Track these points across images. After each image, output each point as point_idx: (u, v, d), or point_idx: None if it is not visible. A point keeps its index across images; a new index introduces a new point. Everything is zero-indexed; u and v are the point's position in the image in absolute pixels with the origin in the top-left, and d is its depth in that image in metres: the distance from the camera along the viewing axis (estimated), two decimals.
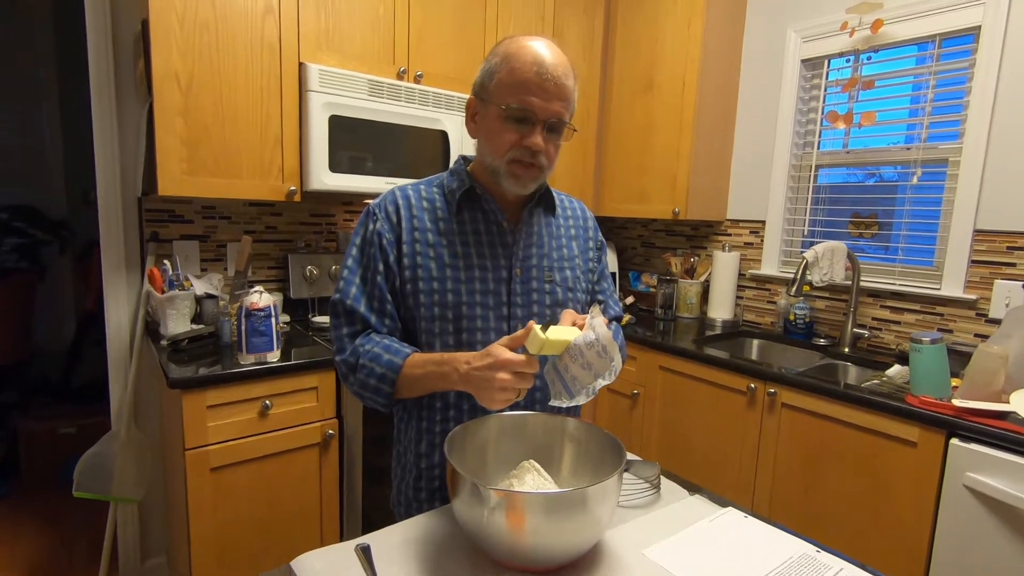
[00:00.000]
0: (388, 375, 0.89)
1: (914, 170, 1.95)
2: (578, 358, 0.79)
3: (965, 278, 1.82)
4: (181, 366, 1.50)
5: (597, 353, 0.77)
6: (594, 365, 0.78)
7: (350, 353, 0.93)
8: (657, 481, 0.97)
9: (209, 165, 1.65)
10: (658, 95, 2.38)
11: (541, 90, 0.88)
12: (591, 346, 0.77)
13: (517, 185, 0.93)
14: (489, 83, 0.91)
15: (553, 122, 0.90)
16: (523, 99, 0.88)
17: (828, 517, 1.61)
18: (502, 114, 0.89)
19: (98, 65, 1.76)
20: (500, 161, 0.91)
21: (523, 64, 0.88)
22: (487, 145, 0.94)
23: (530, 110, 0.88)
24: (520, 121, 0.89)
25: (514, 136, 0.90)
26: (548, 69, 0.88)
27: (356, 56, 1.86)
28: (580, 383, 0.79)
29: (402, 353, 0.90)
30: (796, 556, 0.78)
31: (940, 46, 1.89)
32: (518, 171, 0.91)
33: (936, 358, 1.46)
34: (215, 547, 1.51)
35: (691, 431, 1.99)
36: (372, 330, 0.95)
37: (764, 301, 2.39)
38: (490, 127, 0.92)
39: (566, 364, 0.80)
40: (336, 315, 0.96)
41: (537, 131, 0.90)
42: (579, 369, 0.79)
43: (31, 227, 3.06)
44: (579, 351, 0.78)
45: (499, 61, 0.90)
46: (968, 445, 1.33)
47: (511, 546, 0.68)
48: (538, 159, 0.91)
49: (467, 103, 0.97)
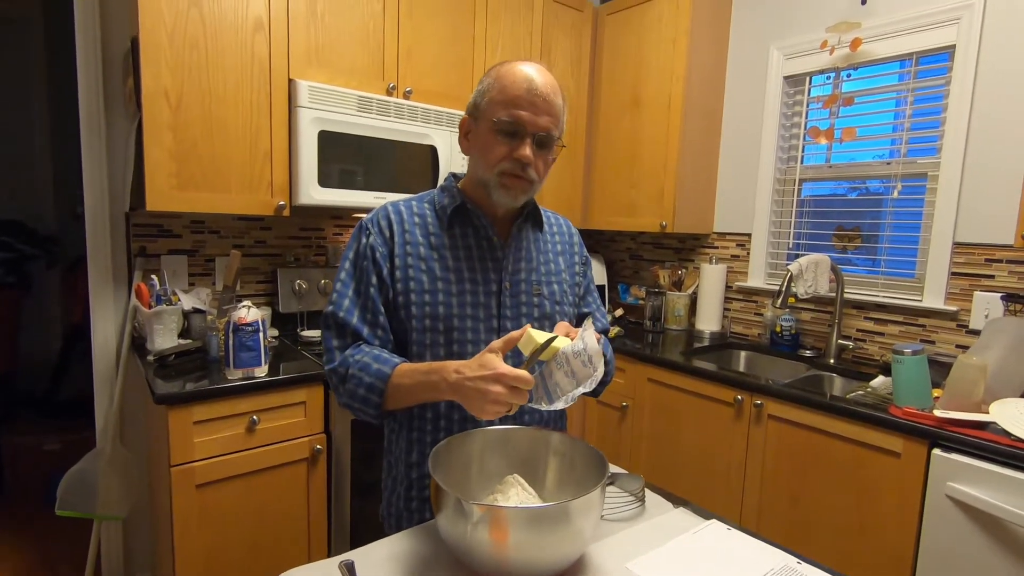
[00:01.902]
0: (377, 385, 0.90)
1: (895, 184, 1.99)
2: (563, 365, 0.81)
3: (946, 290, 1.85)
4: (167, 381, 1.49)
5: (582, 362, 0.79)
6: (578, 374, 0.79)
7: (339, 363, 0.94)
8: (642, 494, 0.98)
9: (198, 180, 1.65)
10: (645, 111, 2.42)
11: (530, 105, 0.92)
12: (578, 355, 0.79)
13: (508, 197, 0.96)
14: (481, 101, 0.96)
15: (542, 136, 0.94)
16: (513, 113, 0.92)
17: (815, 527, 1.62)
18: (493, 127, 0.93)
19: (87, 81, 1.77)
20: (491, 174, 0.95)
21: (513, 82, 0.93)
22: (479, 159, 0.97)
23: (519, 123, 0.92)
24: (510, 135, 0.93)
25: (504, 148, 0.93)
26: (537, 86, 0.92)
27: (346, 72, 1.88)
28: (561, 390, 0.81)
29: (391, 363, 0.91)
30: (777, 568, 0.79)
31: (917, 63, 1.94)
32: (509, 183, 0.94)
33: (918, 369, 1.49)
34: (201, 564, 1.49)
35: (679, 443, 2.00)
36: (363, 342, 0.96)
37: (751, 313, 2.42)
38: (482, 141, 0.96)
39: (551, 370, 0.82)
40: (328, 327, 0.97)
41: (527, 144, 0.93)
42: (563, 376, 0.81)
43: (18, 242, 3.04)
44: (565, 359, 0.80)
45: (491, 81, 0.95)
46: (950, 455, 1.34)
47: (495, 561, 0.69)
48: (528, 172, 0.94)
49: (460, 122, 1.01)
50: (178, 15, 1.57)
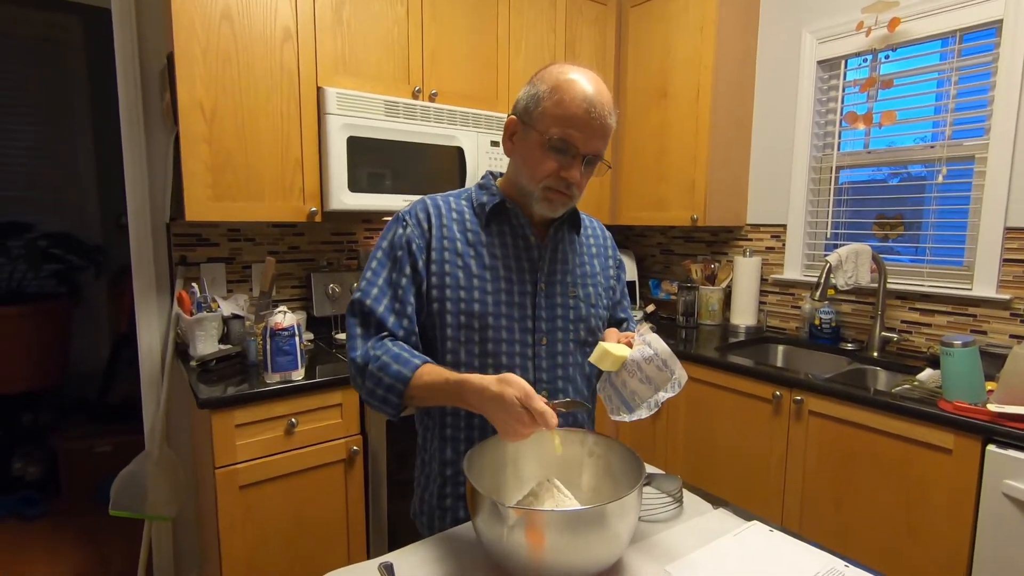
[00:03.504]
0: (396, 386, 0.89)
1: (939, 168, 1.91)
2: (636, 373, 0.80)
3: (998, 277, 1.77)
4: (210, 386, 1.54)
5: (657, 367, 0.78)
6: (654, 379, 0.79)
7: (360, 356, 0.93)
8: (679, 495, 0.96)
9: (233, 190, 1.70)
10: (673, 103, 2.37)
11: (587, 127, 0.90)
12: (649, 360, 0.79)
13: (548, 209, 0.96)
14: (534, 108, 0.92)
15: (591, 157, 0.93)
16: (568, 133, 0.90)
17: (860, 529, 1.57)
18: (545, 143, 0.91)
19: (127, 97, 1.84)
20: (536, 186, 0.94)
21: (572, 98, 0.89)
22: (524, 169, 0.95)
23: (573, 145, 0.90)
24: (560, 151, 0.91)
25: (553, 165, 0.92)
26: (596, 108, 0.89)
27: (372, 78, 1.90)
28: (640, 397, 0.81)
29: (411, 364, 0.88)
30: (823, 571, 0.77)
31: (961, 41, 1.85)
32: (552, 197, 0.94)
33: (969, 361, 1.42)
34: (245, 564, 1.53)
35: (716, 441, 1.96)
36: (388, 332, 0.95)
37: (788, 306, 2.35)
38: (530, 153, 0.94)
39: (624, 380, 0.82)
40: (353, 314, 0.96)
41: (576, 164, 0.92)
42: (638, 384, 0.80)
43: (68, 253, 3.17)
44: (636, 366, 0.80)
45: (547, 89, 0.91)
46: (1006, 451, 1.28)
47: (532, 565, 0.68)
48: (571, 190, 0.94)
49: (506, 123, 0.99)
50: (210, 30, 1.61)
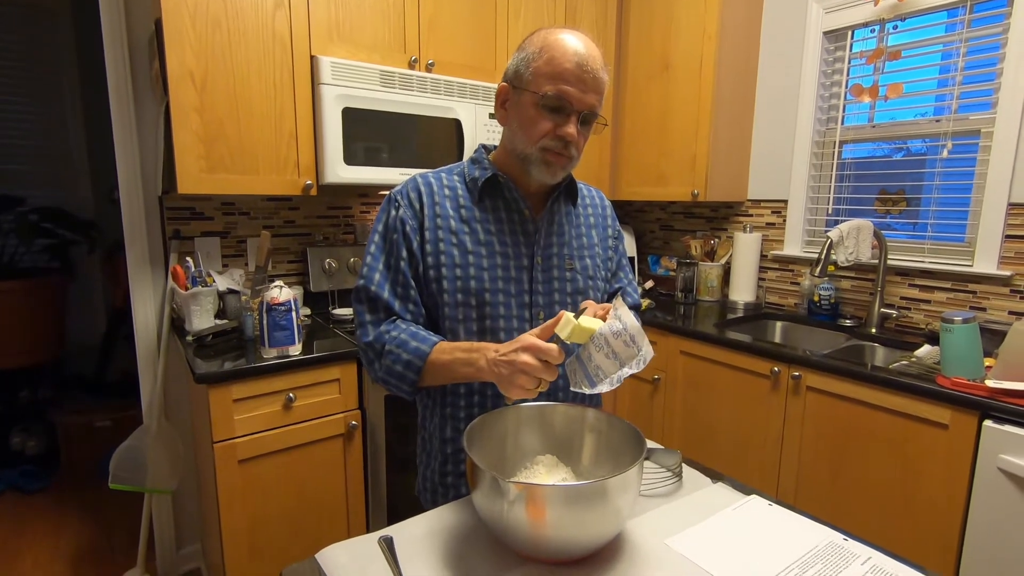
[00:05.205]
0: (414, 362, 0.90)
1: (944, 143, 1.88)
2: (603, 347, 0.78)
3: (999, 254, 1.76)
4: (207, 361, 1.53)
5: (624, 342, 0.77)
6: (620, 354, 0.77)
7: (375, 339, 0.94)
8: (679, 469, 0.96)
9: (226, 162, 1.66)
10: (674, 76, 2.32)
11: (580, 81, 0.88)
12: (618, 335, 0.77)
13: (547, 173, 0.94)
14: (525, 71, 0.91)
15: (586, 114, 0.91)
16: (561, 89, 0.88)
17: (856, 503, 1.59)
18: (538, 102, 0.89)
19: (115, 67, 1.78)
20: (533, 148, 0.92)
21: (562, 54, 0.88)
22: (520, 133, 0.93)
23: (567, 100, 0.89)
24: (555, 110, 0.90)
25: (549, 124, 0.90)
26: (587, 61, 0.88)
27: (367, 47, 1.85)
28: (604, 372, 0.79)
29: (429, 341, 0.91)
30: (822, 544, 0.77)
31: (971, 11, 1.80)
32: (550, 159, 0.92)
33: (968, 338, 1.42)
34: (246, 537, 1.55)
35: (714, 417, 1.97)
36: (396, 316, 0.95)
37: (787, 282, 2.34)
38: (524, 115, 0.92)
39: (589, 353, 0.80)
40: (360, 301, 0.97)
41: (572, 121, 0.90)
42: (603, 358, 0.79)
43: (59, 227, 3.13)
44: (604, 340, 0.78)
45: (536, 50, 0.90)
46: (1002, 427, 1.29)
47: (532, 539, 0.68)
48: (569, 149, 0.92)
49: (497, 91, 0.97)
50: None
